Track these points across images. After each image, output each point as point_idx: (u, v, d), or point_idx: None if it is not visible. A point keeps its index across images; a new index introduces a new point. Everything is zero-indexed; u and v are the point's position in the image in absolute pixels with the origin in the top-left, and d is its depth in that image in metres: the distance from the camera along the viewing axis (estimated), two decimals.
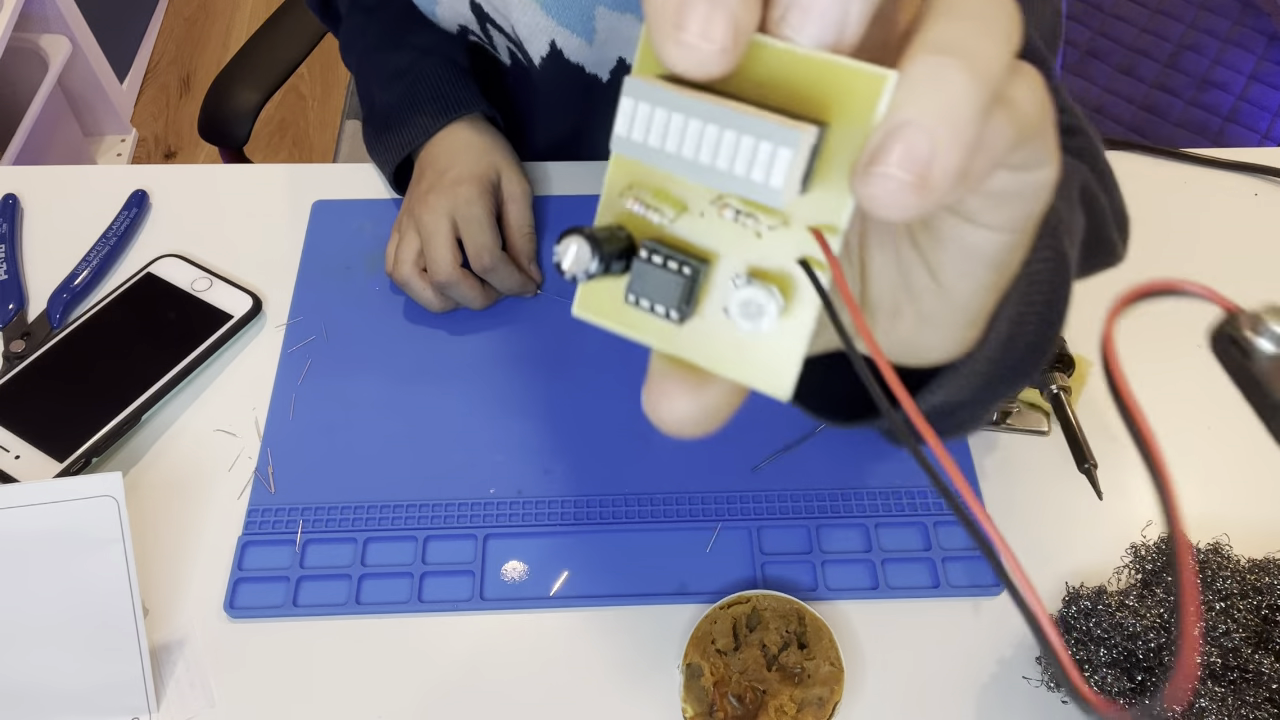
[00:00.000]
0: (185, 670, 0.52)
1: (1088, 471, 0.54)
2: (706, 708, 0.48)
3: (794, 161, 0.18)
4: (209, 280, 0.65)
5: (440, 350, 0.63)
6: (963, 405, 0.32)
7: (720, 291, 0.21)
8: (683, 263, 0.21)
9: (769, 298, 0.20)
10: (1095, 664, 0.48)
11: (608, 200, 0.22)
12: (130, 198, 0.70)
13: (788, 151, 0.18)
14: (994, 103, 0.19)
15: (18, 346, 0.62)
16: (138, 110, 1.90)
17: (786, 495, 0.57)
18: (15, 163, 1.43)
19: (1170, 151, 0.75)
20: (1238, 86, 1.94)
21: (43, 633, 0.49)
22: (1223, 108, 1.91)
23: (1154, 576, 0.52)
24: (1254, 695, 0.47)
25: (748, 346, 0.21)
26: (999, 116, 0.19)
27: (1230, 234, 0.70)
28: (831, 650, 0.50)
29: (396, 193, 0.70)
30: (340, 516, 0.56)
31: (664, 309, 0.21)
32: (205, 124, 0.94)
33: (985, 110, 0.18)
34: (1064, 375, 0.56)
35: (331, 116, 1.89)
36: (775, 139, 0.18)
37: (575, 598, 0.54)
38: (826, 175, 0.20)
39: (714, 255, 0.21)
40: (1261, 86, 1.94)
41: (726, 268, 0.21)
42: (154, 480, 0.58)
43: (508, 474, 0.58)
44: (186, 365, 0.61)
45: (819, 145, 0.19)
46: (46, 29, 1.58)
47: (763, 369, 0.22)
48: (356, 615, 0.53)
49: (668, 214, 0.21)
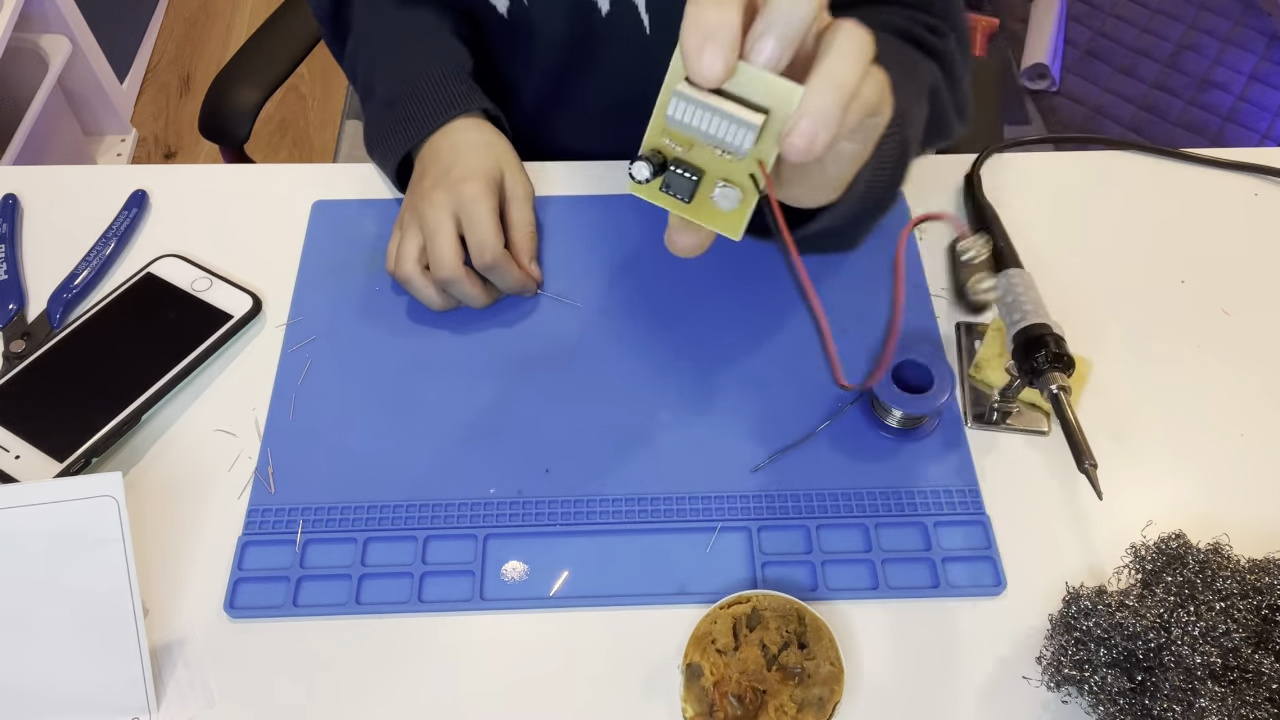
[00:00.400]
0: (185, 670, 0.52)
1: (1087, 471, 0.54)
2: (706, 708, 0.48)
3: (750, 134, 0.38)
4: (209, 280, 0.65)
5: (440, 350, 0.63)
6: (841, 230, 0.54)
7: (709, 188, 0.41)
8: (692, 173, 0.41)
9: (735, 191, 0.40)
10: (1095, 664, 0.48)
11: (650, 137, 0.40)
12: (130, 198, 0.70)
13: (748, 130, 0.38)
14: (851, 100, 0.37)
15: (18, 346, 0.62)
16: (138, 110, 1.90)
17: (786, 496, 0.57)
18: (15, 163, 1.43)
19: (1170, 151, 0.75)
20: (1238, 86, 1.94)
21: (42, 633, 0.49)
22: (1223, 108, 1.91)
23: (1154, 576, 0.52)
24: (1254, 695, 0.47)
25: (721, 214, 0.42)
26: (854, 106, 0.37)
27: (1230, 234, 0.70)
28: (831, 650, 0.50)
29: (399, 190, 0.70)
30: (340, 516, 0.56)
31: (681, 195, 0.41)
32: (205, 122, 0.94)
33: (844, 107, 0.37)
34: (1064, 375, 0.56)
35: (331, 116, 1.89)
36: (742, 123, 0.37)
37: (575, 598, 0.54)
38: (766, 137, 0.39)
39: (707, 170, 0.41)
40: (1261, 86, 1.94)
41: (713, 177, 0.41)
42: (154, 480, 0.58)
43: (508, 474, 0.58)
44: (186, 365, 0.61)
45: (764, 124, 0.38)
46: (46, 29, 1.58)
47: (728, 225, 0.42)
48: (356, 615, 0.53)
49: (684, 149, 0.40)
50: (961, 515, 0.57)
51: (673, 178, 0.41)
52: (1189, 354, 0.64)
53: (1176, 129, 1.88)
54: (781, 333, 0.64)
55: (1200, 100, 1.92)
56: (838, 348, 0.63)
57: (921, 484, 0.58)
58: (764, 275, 0.67)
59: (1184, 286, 0.68)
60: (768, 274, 0.67)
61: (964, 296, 0.65)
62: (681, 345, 0.64)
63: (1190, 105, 1.92)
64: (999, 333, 0.63)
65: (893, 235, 0.69)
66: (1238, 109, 1.91)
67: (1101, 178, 0.74)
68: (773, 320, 0.65)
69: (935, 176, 0.73)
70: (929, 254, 0.68)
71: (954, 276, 0.67)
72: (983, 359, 0.62)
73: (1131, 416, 0.61)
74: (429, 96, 0.66)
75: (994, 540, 0.56)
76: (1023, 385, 0.58)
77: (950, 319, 0.65)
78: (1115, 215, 0.71)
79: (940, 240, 0.69)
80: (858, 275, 0.67)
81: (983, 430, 0.60)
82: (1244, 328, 0.66)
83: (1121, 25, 2.05)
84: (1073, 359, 0.56)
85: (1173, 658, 0.47)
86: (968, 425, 0.60)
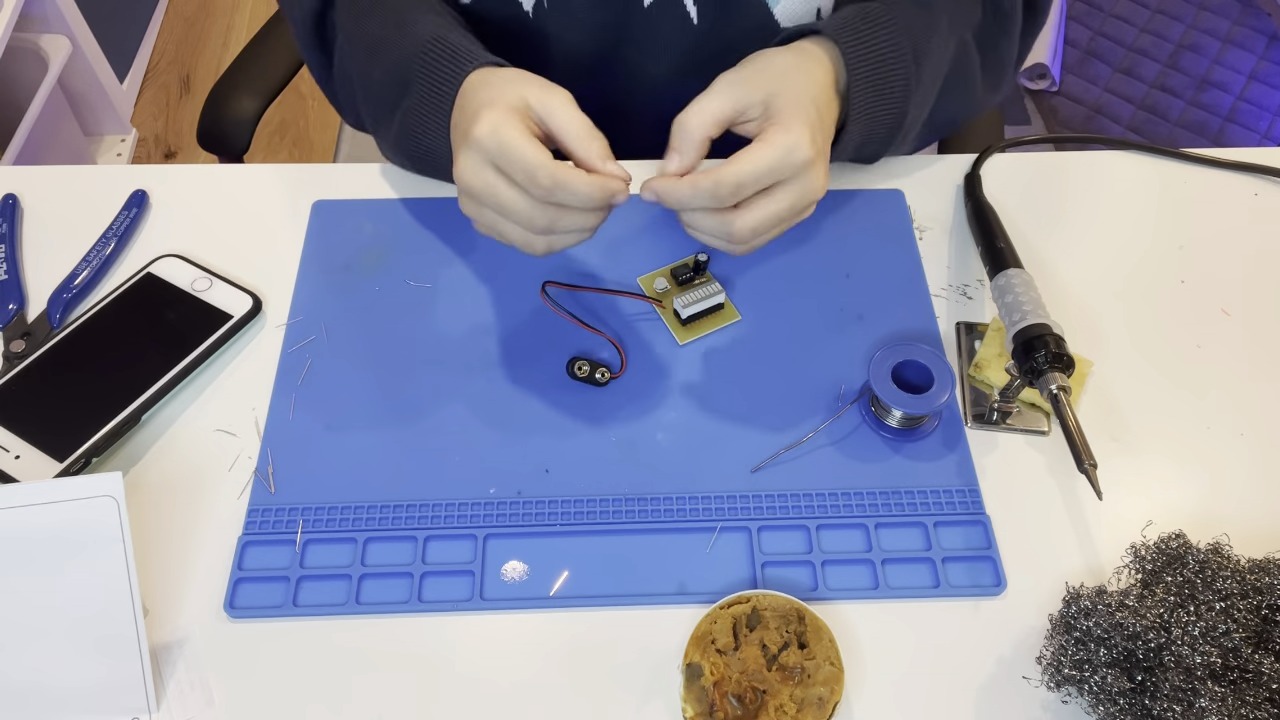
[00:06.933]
0: (185, 670, 0.52)
1: (1087, 472, 0.54)
2: (706, 708, 0.48)
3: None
4: (209, 280, 0.65)
5: (440, 350, 0.63)
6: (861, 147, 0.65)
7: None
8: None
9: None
10: (1095, 664, 0.48)
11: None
12: (130, 198, 0.70)
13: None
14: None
15: (18, 346, 0.62)
16: (138, 110, 1.90)
17: (786, 496, 0.57)
18: (15, 163, 1.43)
19: (1170, 151, 0.75)
20: (1238, 86, 1.94)
21: (43, 633, 0.49)
22: (1223, 108, 1.91)
23: (1154, 576, 0.52)
24: (1254, 695, 0.47)
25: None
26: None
27: (1230, 234, 0.70)
28: (831, 650, 0.50)
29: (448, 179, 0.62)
30: (340, 516, 0.56)
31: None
32: (205, 133, 0.94)
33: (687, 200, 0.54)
34: (1064, 375, 0.56)
35: (331, 116, 1.89)
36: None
37: (575, 598, 0.54)
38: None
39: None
40: (1261, 86, 1.94)
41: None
42: (154, 480, 0.58)
43: (508, 474, 0.58)
44: (186, 365, 0.61)
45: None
46: (46, 29, 1.58)
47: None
48: (356, 615, 0.53)
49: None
50: (961, 515, 0.57)
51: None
52: (1189, 354, 0.64)
53: (1176, 129, 1.88)
54: (781, 333, 0.64)
55: (1200, 100, 1.92)
56: (838, 347, 0.63)
57: (921, 484, 0.58)
58: (764, 275, 0.67)
59: (1184, 286, 0.68)
60: (767, 274, 0.67)
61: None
62: (681, 345, 0.64)
63: (1190, 105, 1.92)
64: (999, 333, 0.63)
65: (895, 238, 0.69)
66: (1238, 109, 1.91)
67: (1101, 178, 0.74)
68: (773, 320, 0.65)
69: (935, 176, 0.73)
70: (929, 254, 0.68)
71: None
72: (983, 359, 0.62)
73: (1131, 416, 0.61)
74: (429, 90, 0.60)
75: (994, 540, 0.56)
76: (1023, 385, 0.58)
77: (950, 319, 0.65)
78: (1115, 215, 0.71)
79: (941, 240, 0.69)
80: (859, 275, 0.67)
81: (983, 430, 0.60)
82: (1244, 328, 0.66)
83: (1121, 25, 2.05)
84: (1073, 359, 0.56)
85: (1173, 658, 0.47)
86: (968, 425, 0.60)
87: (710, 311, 0.64)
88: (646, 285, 0.66)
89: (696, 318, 0.64)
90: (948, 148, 0.72)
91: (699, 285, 0.65)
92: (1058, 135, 0.91)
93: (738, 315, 0.65)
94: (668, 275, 0.66)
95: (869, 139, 0.64)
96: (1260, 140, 1.86)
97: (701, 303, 0.64)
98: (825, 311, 0.65)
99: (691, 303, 0.63)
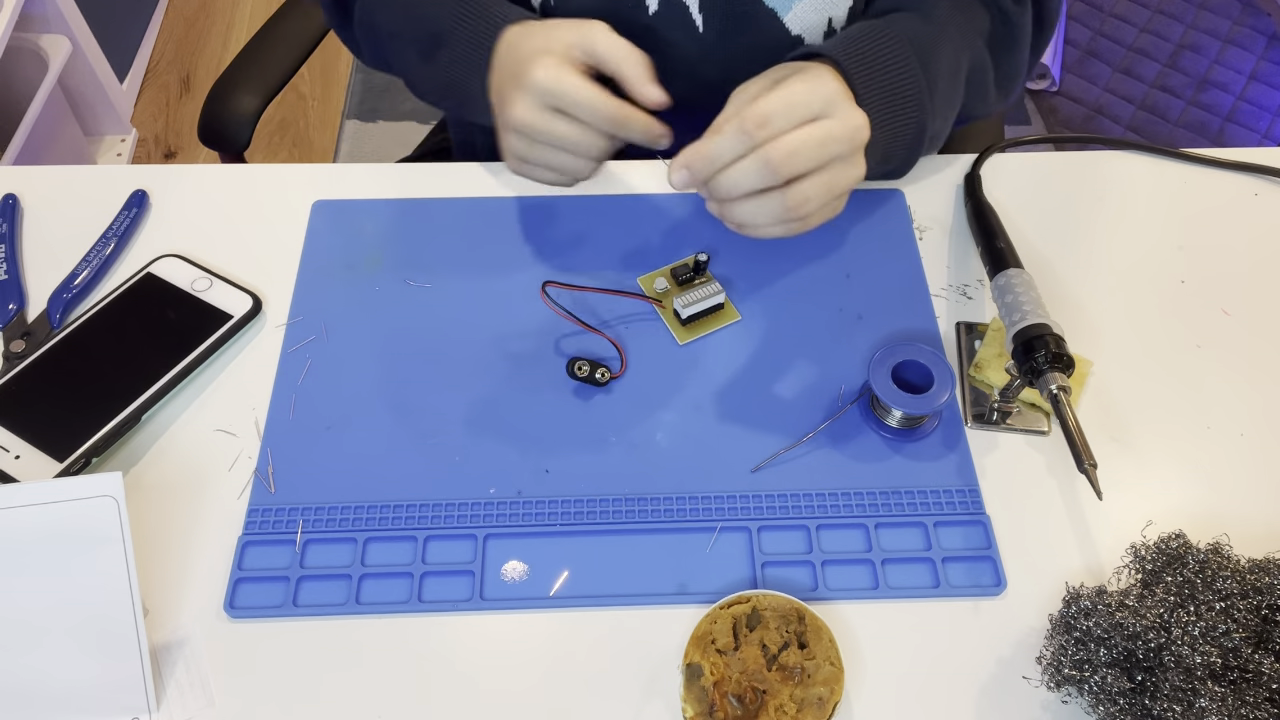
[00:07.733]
0: (185, 670, 0.52)
1: (1087, 472, 0.54)
2: (706, 708, 0.48)
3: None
4: (209, 280, 0.65)
5: (440, 350, 0.63)
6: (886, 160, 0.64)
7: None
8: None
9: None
10: (1095, 664, 0.48)
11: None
12: (130, 198, 0.70)
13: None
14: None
15: (18, 346, 0.62)
16: (138, 110, 1.90)
17: (786, 496, 0.57)
18: (15, 163, 1.43)
19: (1170, 151, 0.75)
20: (1238, 86, 1.94)
21: (42, 633, 0.49)
22: (1223, 108, 1.91)
23: (1154, 576, 0.52)
24: (1254, 695, 0.47)
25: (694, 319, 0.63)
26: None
27: (1230, 234, 0.70)
28: (831, 650, 0.50)
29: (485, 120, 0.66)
30: (340, 516, 0.56)
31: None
32: (205, 130, 0.94)
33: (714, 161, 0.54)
34: (1064, 375, 0.56)
35: (331, 116, 1.89)
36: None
37: (575, 598, 0.54)
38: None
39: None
40: (1261, 86, 1.94)
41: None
42: (154, 480, 0.58)
43: (508, 474, 0.58)
44: (186, 365, 0.61)
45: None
46: (46, 29, 1.58)
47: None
48: (356, 615, 0.53)
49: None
50: (961, 515, 0.57)
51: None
52: (1189, 354, 0.64)
53: (1176, 129, 1.88)
54: (781, 333, 0.64)
55: (1200, 100, 1.92)
56: (838, 347, 0.63)
57: (921, 484, 0.58)
58: (764, 275, 0.67)
59: (1184, 286, 0.68)
60: (767, 274, 0.67)
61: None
62: (682, 345, 0.64)
63: (1190, 105, 1.92)
64: (999, 333, 0.63)
65: (895, 238, 0.69)
66: (1238, 109, 1.91)
67: (1101, 178, 0.74)
68: (773, 320, 0.65)
69: (935, 176, 0.73)
70: (929, 254, 0.68)
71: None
72: (983, 359, 0.62)
73: (1131, 416, 0.61)
74: (475, 24, 0.64)
75: (994, 540, 0.56)
76: (1023, 385, 0.58)
77: (950, 319, 0.65)
78: (1115, 215, 0.71)
79: (941, 240, 0.69)
80: (859, 276, 0.67)
81: (983, 430, 0.60)
82: (1244, 328, 0.66)
83: (1121, 25, 2.05)
84: (1073, 359, 0.56)
85: (1173, 658, 0.47)
86: (968, 425, 0.60)
87: (710, 311, 0.64)
88: (646, 285, 0.66)
89: (696, 318, 0.64)
90: (948, 148, 0.72)
91: (699, 285, 0.65)
92: (1058, 135, 0.91)
93: (738, 315, 0.65)
94: (668, 275, 0.66)
95: (890, 153, 0.63)
96: (1260, 140, 1.86)
97: (701, 303, 0.64)
98: (825, 312, 0.65)
99: (691, 303, 0.63)
